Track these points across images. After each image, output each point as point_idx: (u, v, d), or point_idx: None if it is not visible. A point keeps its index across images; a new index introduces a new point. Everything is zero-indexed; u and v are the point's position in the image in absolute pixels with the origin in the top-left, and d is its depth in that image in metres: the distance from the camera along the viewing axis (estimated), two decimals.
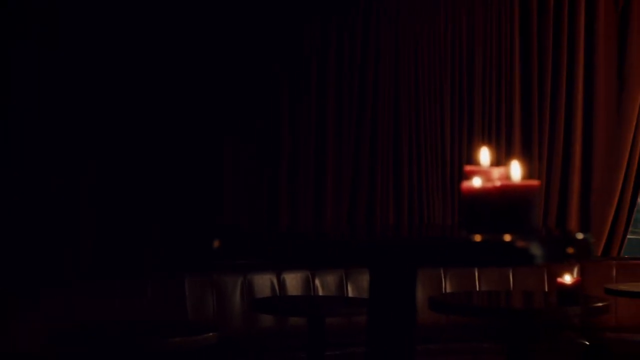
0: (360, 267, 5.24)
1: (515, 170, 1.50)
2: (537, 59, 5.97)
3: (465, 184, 1.50)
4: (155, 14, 5.39)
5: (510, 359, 2.92)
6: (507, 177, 1.52)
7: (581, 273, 5.69)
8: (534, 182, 1.47)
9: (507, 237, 1.35)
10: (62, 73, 5.13)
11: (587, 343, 5.26)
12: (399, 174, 5.82)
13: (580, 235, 1.41)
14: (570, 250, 1.37)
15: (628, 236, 6.19)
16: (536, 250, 1.32)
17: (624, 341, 5.27)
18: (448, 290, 5.57)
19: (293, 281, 5.29)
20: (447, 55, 5.91)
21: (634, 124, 5.94)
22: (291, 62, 5.71)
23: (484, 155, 1.55)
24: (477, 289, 5.60)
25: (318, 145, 5.73)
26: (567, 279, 3.21)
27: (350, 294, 5.40)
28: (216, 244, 1.37)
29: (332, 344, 4.37)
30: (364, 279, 5.41)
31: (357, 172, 5.78)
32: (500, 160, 4.96)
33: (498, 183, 1.48)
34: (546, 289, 5.45)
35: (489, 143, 5.93)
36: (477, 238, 1.35)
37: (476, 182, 1.50)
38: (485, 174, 1.53)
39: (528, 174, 4.76)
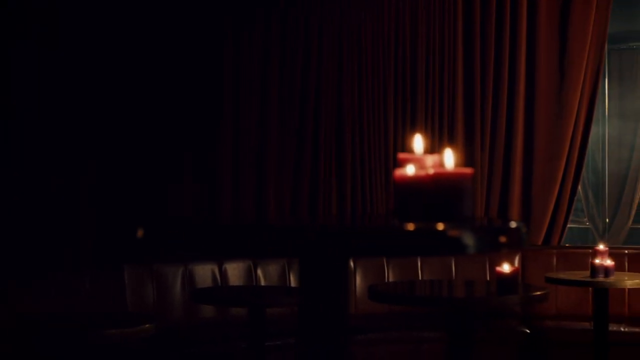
0: None
1: (449, 158, 1.47)
2: (479, 51, 5.99)
3: (398, 172, 1.47)
4: (152, 15, 5.39)
5: (450, 348, 2.92)
6: (441, 164, 1.49)
7: (522, 262, 5.74)
8: (467, 170, 1.45)
9: (440, 226, 1.33)
10: (61, 73, 5.14)
11: (528, 331, 5.30)
12: (342, 164, 5.81)
13: (513, 224, 1.39)
14: (502, 239, 1.35)
15: (568, 225, 6.26)
16: (468, 239, 1.30)
17: (564, 329, 5.33)
18: (391, 280, 5.58)
19: (235, 271, 5.25)
20: (390, 45, 5.91)
21: (575, 114, 6.00)
22: (235, 55, 5.65)
23: (418, 142, 1.52)
24: (420, 278, 5.62)
25: (260, 135, 5.69)
26: (506, 268, 3.22)
27: (292, 284, 5.37)
28: (139, 233, 1.33)
29: (273, 333, 4.34)
30: None
31: (299, 163, 5.75)
32: (443, 150, 4.98)
33: (431, 171, 1.45)
34: (488, 278, 5.48)
35: (432, 133, 5.95)
36: (409, 227, 1.32)
37: (409, 170, 1.47)
38: (418, 162, 1.50)
39: (463, 162, 4.79)
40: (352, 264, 5.54)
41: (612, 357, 4.83)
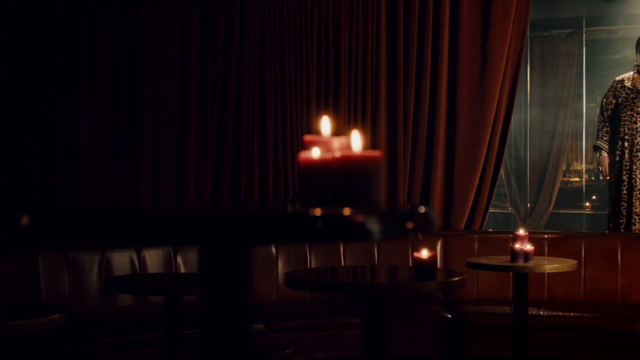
0: None
1: (356, 141, 1.41)
2: (402, 35, 5.97)
3: (303, 155, 1.41)
4: None
5: (366, 335, 2.88)
6: (348, 147, 1.43)
7: (444, 247, 5.75)
8: (375, 153, 1.39)
9: (346, 211, 1.26)
10: None
11: (449, 316, 5.31)
12: (264, 149, 5.74)
13: (421, 209, 1.34)
14: (410, 224, 1.29)
15: (491, 210, 6.29)
16: (374, 225, 1.24)
17: (484, 313, 5.36)
18: (314, 266, 5.53)
19: (154, 258, 5.14)
20: (313, 31, 5.84)
21: (496, 100, 6.02)
22: (152, 36, 5.53)
23: (325, 124, 1.46)
24: (343, 264, 5.58)
25: (181, 118, 5.59)
26: (424, 253, 3.19)
27: None
28: (24, 220, 1.23)
29: (192, 322, 4.24)
30: None
31: (220, 147, 5.66)
32: (366, 137, 4.94)
33: (338, 154, 1.39)
34: (411, 264, 5.48)
35: (354, 118, 5.91)
36: (313, 212, 1.26)
37: (315, 152, 1.41)
38: (325, 144, 1.43)
39: (386, 147, 4.75)
40: (274, 250, 5.48)
41: (532, 341, 4.88)
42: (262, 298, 5.38)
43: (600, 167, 6.46)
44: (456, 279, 3.21)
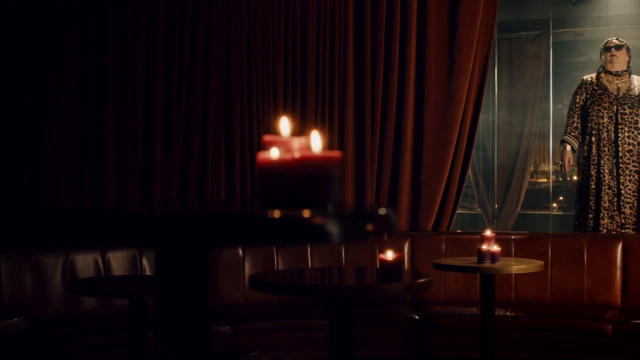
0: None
1: (316, 141, 1.38)
2: (370, 36, 5.96)
3: (262, 155, 1.38)
4: None
5: (331, 338, 2.86)
6: (308, 148, 1.40)
7: (412, 248, 5.74)
8: (335, 154, 1.36)
9: (305, 213, 1.23)
10: None
11: (417, 317, 5.30)
12: (231, 149, 5.71)
13: (382, 211, 1.31)
14: (370, 227, 1.27)
15: (460, 211, 6.31)
16: (333, 227, 1.21)
17: (452, 314, 5.36)
18: (281, 268, 5.50)
19: (119, 260, 5.08)
20: (280, 31, 5.81)
21: (464, 102, 6.02)
22: (118, 35, 5.48)
23: (284, 124, 1.43)
24: (310, 266, 5.56)
25: (147, 118, 5.54)
26: (390, 255, 3.17)
27: None
28: None
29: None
30: None
31: (187, 147, 5.62)
32: (333, 138, 4.91)
33: (297, 154, 1.36)
34: (378, 265, 5.46)
35: (322, 119, 5.89)
36: (271, 213, 1.23)
37: (274, 153, 1.38)
38: (284, 145, 1.41)
39: (354, 149, 4.72)
40: (240, 252, 5.45)
41: (499, 341, 4.88)
42: (229, 300, 5.34)
43: (560, 162, 6.50)
44: (422, 280, 3.20)
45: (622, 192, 6.06)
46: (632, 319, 5.09)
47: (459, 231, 6.91)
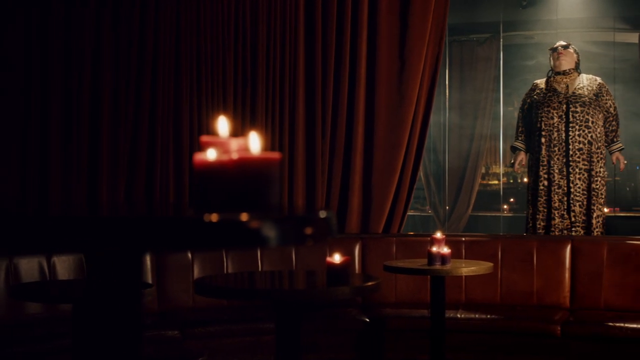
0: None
1: (254, 142, 1.34)
2: (321, 37, 5.92)
3: (198, 157, 1.33)
4: None
5: (278, 342, 2.81)
6: (247, 148, 1.36)
7: (362, 250, 5.72)
8: (274, 155, 1.32)
9: (241, 217, 1.19)
10: None
11: (367, 320, 5.28)
12: (180, 149, 5.64)
13: (322, 214, 1.27)
14: (308, 230, 1.23)
15: (412, 213, 6.32)
16: (270, 231, 1.17)
17: (402, 317, 5.34)
18: (230, 271, 5.44)
19: (65, 264, 4.98)
20: (230, 31, 5.75)
21: (414, 103, 6.01)
22: (63, 28, 5.38)
23: (222, 124, 1.38)
24: (260, 269, 5.51)
25: (93, 118, 5.45)
26: (337, 258, 3.14)
27: None
28: None
29: None
30: (143, 261, 5.18)
31: (135, 148, 5.54)
32: (284, 140, 4.86)
33: (235, 155, 1.32)
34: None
35: (272, 121, 5.84)
36: (206, 217, 1.18)
37: (210, 154, 1.33)
38: (222, 146, 1.36)
39: (304, 150, 4.68)
40: (189, 255, 5.38)
41: (449, 343, 4.88)
42: (177, 303, 5.27)
43: (513, 161, 6.58)
44: (370, 283, 3.17)
45: (572, 190, 6.10)
46: (580, 320, 5.13)
47: (411, 233, 6.91)
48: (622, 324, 4.96)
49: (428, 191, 10.85)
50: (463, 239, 5.78)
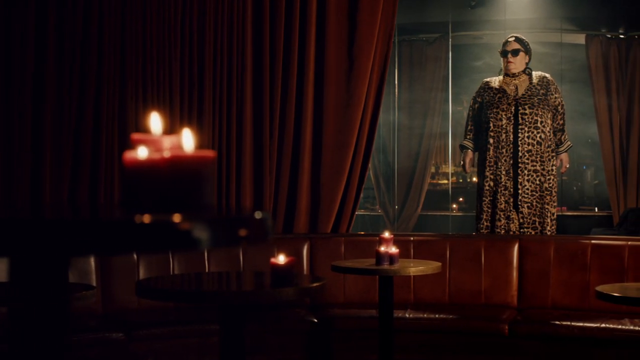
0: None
1: (188, 139, 1.29)
2: (269, 36, 5.87)
3: (128, 155, 1.27)
4: None
5: (222, 344, 2.75)
6: (180, 146, 1.30)
7: (310, 250, 5.68)
8: (208, 153, 1.27)
9: (171, 218, 1.13)
10: None
11: (315, 320, 5.24)
12: (125, 151, 5.53)
13: (257, 215, 1.22)
14: (243, 232, 1.17)
15: (362, 213, 6.31)
16: (201, 232, 1.12)
17: (351, 317, 5.31)
18: (177, 272, 5.36)
19: (3, 266, 4.84)
20: (177, 30, 5.67)
21: (363, 103, 5.98)
22: (3, 29, 5.25)
23: (155, 121, 1.32)
24: (207, 270, 5.43)
25: (35, 118, 5.33)
26: (281, 259, 3.09)
27: (71, 279, 5.04)
28: None
29: None
30: (87, 262, 5.08)
31: (78, 149, 5.43)
32: (231, 139, 4.78)
33: (167, 154, 1.26)
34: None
35: (219, 120, 5.78)
36: (137, 219, 1.12)
37: (141, 152, 1.27)
38: (154, 143, 1.30)
39: (252, 151, 4.61)
40: (135, 255, 5.28)
41: (398, 343, 4.86)
42: (123, 305, 5.17)
43: (462, 162, 6.56)
44: (315, 284, 3.13)
45: (520, 192, 6.11)
46: (528, 319, 5.15)
47: (361, 233, 6.90)
48: (569, 323, 4.99)
49: (378, 191, 10.86)
50: (411, 238, 5.77)
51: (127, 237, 1.12)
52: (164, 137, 1.31)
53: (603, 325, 4.90)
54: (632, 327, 4.83)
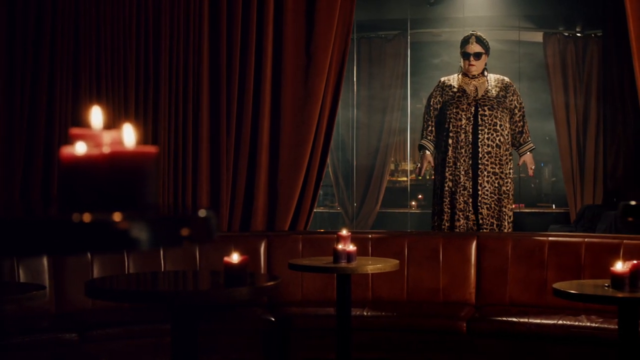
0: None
1: (129, 134, 1.23)
2: (226, 31, 5.80)
3: (66, 150, 1.21)
4: None
5: (174, 345, 2.69)
6: (120, 142, 1.24)
7: (268, 248, 5.62)
8: (150, 149, 1.21)
9: (113, 217, 1.08)
10: None
11: (273, 319, 5.19)
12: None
13: (202, 213, 1.17)
14: (185, 231, 1.12)
15: (321, 210, 6.25)
16: (140, 232, 1.06)
17: (308, 315, 5.27)
18: (132, 271, 5.27)
19: None
20: (132, 27, 5.58)
21: (320, 100, 5.93)
22: None
23: (96, 115, 1.26)
24: (163, 269, 5.35)
25: None
26: (235, 258, 3.03)
27: (22, 279, 4.94)
28: None
29: None
30: (39, 261, 4.99)
31: (31, 147, 5.32)
32: (187, 137, 4.71)
33: (107, 149, 1.20)
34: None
35: (175, 118, 5.71)
36: (75, 218, 1.06)
37: (79, 148, 1.21)
38: (93, 139, 1.24)
39: (209, 148, 4.53)
40: (89, 255, 5.19)
41: (356, 342, 4.83)
42: (76, 305, 5.07)
43: (419, 164, 6.52)
44: (269, 283, 3.08)
45: (480, 193, 6.09)
46: (486, 317, 5.14)
47: (321, 230, 6.85)
48: (526, 320, 4.99)
49: (337, 188, 10.82)
50: (370, 236, 5.74)
51: (60, 237, 1.06)
52: (104, 132, 1.25)
53: (560, 322, 4.91)
54: (588, 324, 4.85)
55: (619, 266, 3.74)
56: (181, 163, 5.71)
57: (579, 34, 10.38)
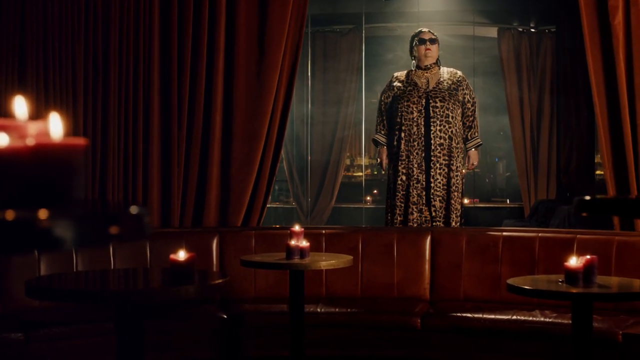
0: None
1: (55, 125, 1.14)
2: (177, 23, 5.69)
3: None
4: None
5: (119, 344, 2.60)
6: (46, 134, 1.15)
7: (220, 244, 5.53)
8: (78, 141, 1.12)
9: (35, 215, 0.99)
10: None
11: (225, 316, 5.10)
12: None
13: (133, 210, 1.09)
14: (114, 230, 1.04)
15: (276, 205, 6.18)
16: (64, 231, 0.98)
17: (261, 312, 5.19)
18: (80, 269, 5.14)
19: None
20: (80, 19, 5.45)
21: (274, 94, 5.85)
22: None
23: (20, 105, 1.17)
24: (113, 267, 5.23)
25: None
26: (182, 255, 2.94)
27: None
28: None
29: None
30: None
31: None
32: (138, 131, 4.61)
33: (31, 141, 1.11)
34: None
35: (125, 112, 5.59)
36: None
37: (2, 139, 1.12)
38: (17, 130, 1.15)
39: (160, 143, 4.42)
40: (36, 252, 5.05)
41: (310, 339, 4.76)
42: (23, 304, 4.92)
43: (379, 159, 6.50)
44: (217, 281, 2.99)
45: (432, 185, 6.08)
46: (440, 312, 5.11)
47: (277, 226, 6.77)
48: (480, 315, 4.96)
49: (292, 183, 10.75)
50: (323, 231, 5.68)
51: None
52: (29, 123, 1.16)
53: (514, 317, 4.89)
54: (542, 319, 4.83)
55: (573, 261, 3.72)
56: (131, 158, 5.59)
57: (533, 29, 10.43)
